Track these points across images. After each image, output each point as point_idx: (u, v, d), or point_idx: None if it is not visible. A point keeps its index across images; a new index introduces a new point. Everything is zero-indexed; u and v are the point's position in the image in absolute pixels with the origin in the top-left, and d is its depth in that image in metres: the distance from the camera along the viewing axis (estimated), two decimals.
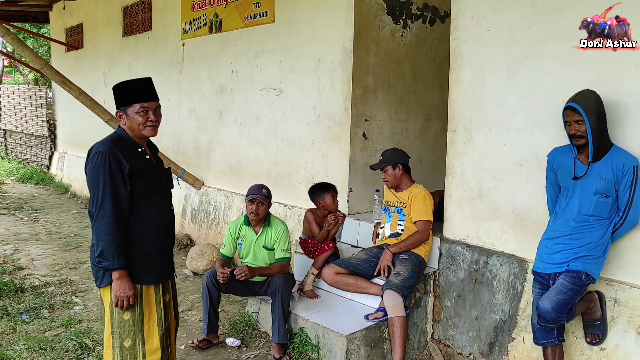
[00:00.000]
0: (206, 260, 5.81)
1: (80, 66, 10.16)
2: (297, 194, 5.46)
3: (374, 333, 3.71)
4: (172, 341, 2.89)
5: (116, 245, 2.51)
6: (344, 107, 4.88)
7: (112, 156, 2.51)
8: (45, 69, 5.84)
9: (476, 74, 3.79)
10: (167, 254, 2.81)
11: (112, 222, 2.50)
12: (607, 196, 2.89)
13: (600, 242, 2.94)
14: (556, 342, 3.08)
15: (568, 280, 2.92)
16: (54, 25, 11.73)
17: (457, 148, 3.97)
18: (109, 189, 2.50)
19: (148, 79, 2.67)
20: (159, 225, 2.70)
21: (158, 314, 2.69)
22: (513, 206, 3.65)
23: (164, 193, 2.78)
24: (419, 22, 5.34)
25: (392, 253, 3.87)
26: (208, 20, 6.48)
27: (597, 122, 2.85)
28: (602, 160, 2.91)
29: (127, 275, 2.57)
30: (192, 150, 7.09)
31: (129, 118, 2.61)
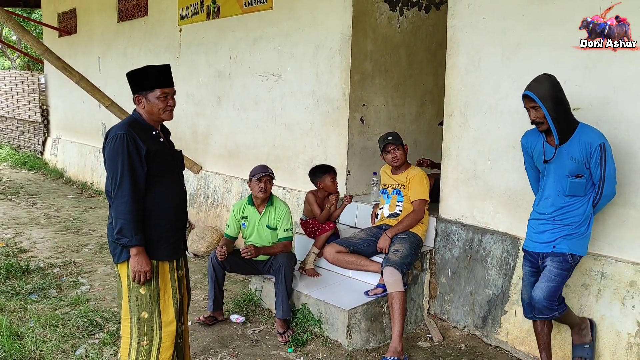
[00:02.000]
0: (207, 242, 5.96)
1: (74, 51, 10.15)
2: (296, 177, 5.61)
3: (374, 308, 3.89)
4: (185, 315, 3.04)
5: (134, 223, 2.64)
6: (343, 92, 5.02)
7: (129, 138, 2.64)
8: (46, 55, 5.91)
9: (472, 59, 3.94)
10: (181, 231, 2.94)
11: (130, 200, 2.63)
12: (579, 176, 2.99)
13: (582, 219, 3.05)
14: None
15: (555, 266, 3.07)
16: (45, 10, 11.67)
17: (453, 131, 4.13)
18: (127, 170, 2.63)
19: (167, 65, 2.81)
20: (173, 203, 2.83)
21: (173, 288, 2.83)
22: (506, 186, 3.84)
23: (177, 174, 2.91)
24: (414, 9, 5.47)
25: (389, 238, 4.04)
26: (206, 7, 6.56)
27: (554, 107, 2.92)
28: (570, 141, 3.00)
29: (144, 252, 2.70)
30: (190, 135, 7.20)
31: (149, 102, 2.73)
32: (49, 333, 3.88)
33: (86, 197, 9.01)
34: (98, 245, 6.13)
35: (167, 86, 2.76)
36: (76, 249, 6.06)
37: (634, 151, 3.20)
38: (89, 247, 6.09)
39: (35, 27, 16.50)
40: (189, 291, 3.15)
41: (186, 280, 3.06)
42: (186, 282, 3.06)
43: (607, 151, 2.93)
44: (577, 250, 3.07)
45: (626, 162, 3.21)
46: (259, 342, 3.91)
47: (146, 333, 2.78)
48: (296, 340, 3.84)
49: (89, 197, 9.07)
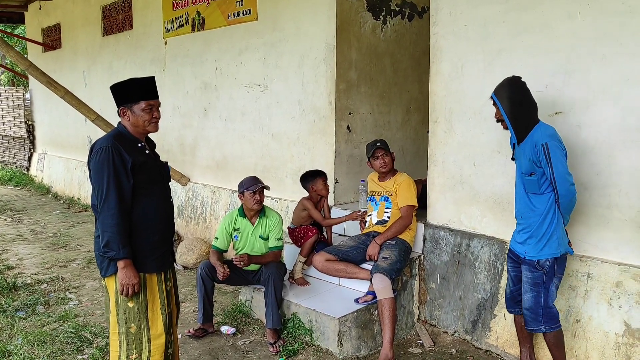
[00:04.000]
0: (196, 254, 5.94)
1: (59, 66, 10.12)
2: (284, 186, 5.62)
3: (364, 315, 3.90)
4: (174, 327, 3.02)
5: (121, 236, 2.63)
6: (329, 101, 5.05)
7: (114, 151, 2.64)
8: (30, 70, 5.88)
9: (455, 66, 3.99)
10: (168, 243, 2.93)
11: (117, 213, 2.62)
12: (532, 174, 3.04)
13: (541, 219, 3.05)
14: (520, 312, 3.31)
15: (529, 276, 3.11)
16: (29, 25, 11.64)
17: (439, 138, 4.17)
18: (113, 182, 2.62)
19: (152, 78, 2.82)
20: (160, 215, 2.82)
21: (161, 300, 2.82)
22: (492, 191, 3.87)
23: (164, 185, 2.90)
24: (397, 17, 5.53)
25: (379, 245, 4.05)
26: (190, 19, 6.58)
27: (509, 106, 3.03)
28: (525, 140, 3.07)
29: (132, 264, 2.69)
30: (177, 147, 7.18)
31: (134, 115, 2.73)
32: (37, 350, 3.84)
33: (73, 212, 8.95)
34: (86, 260, 6.08)
35: (152, 98, 2.76)
36: (64, 264, 6.01)
37: (615, 154, 3.25)
38: (77, 262, 6.04)
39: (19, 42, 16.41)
40: (178, 303, 3.13)
41: (175, 292, 3.05)
42: (175, 294, 3.05)
43: (551, 150, 2.92)
44: (545, 254, 3.06)
45: (609, 164, 3.27)
46: (250, 352, 3.89)
47: (135, 347, 2.75)
48: (287, 350, 3.83)
49: (76, 212, 9.00)
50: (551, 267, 3.08)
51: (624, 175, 3.22)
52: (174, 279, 3.03)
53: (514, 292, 3.33)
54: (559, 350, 3.19)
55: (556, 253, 3.07)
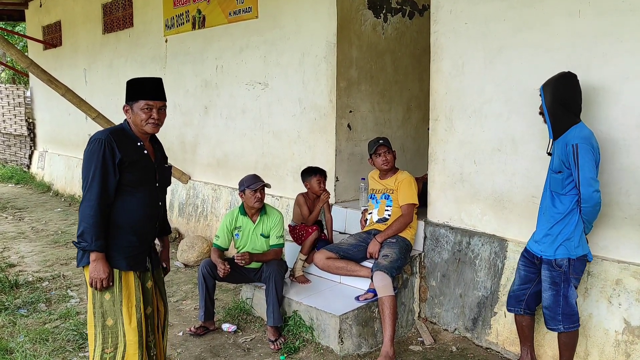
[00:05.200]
0: (196, 252, 5.94)
1: (60, 64, 10.12)
2: (285, 184, 5.62)
3: (365, 313, 3.91)
4: (158, 327, 2.96)
5: (96, 228, 2.60)
6: (329, 99, 5.05)
7: (107, 144, 2.62)
8: (31, 68, 5.89)
9: (455, 64, 3.99)
10: (145, 246, 2.85)
11: (96, 205, 2.59)
12: (559, 172, 3.03)
13: (560, 220, 3.06)
14: (521, 312, 3.33)
15: (547, 275, 3.11)
16: (30, 23, 11.63)
17: (439, 136, 4.18)
18: (98, 175, 2.61)
19: (159, 79, 2.81)
20: (140, 216, 2.78)
21: (137, 298, 2.76)
22: (492, 189, 3.88)
23: (155, 188, 2.85)
24: (398, 15, 5.53)
25: (379, 243, 4.06)
26: (191, 17, 6.58)
27: (551, 102, 3.03)
28: (560, 138, 3.06)
29: (104, 258, 2.64)
30: (177, 145, 7.19)
31: (133, 113, 2.73)
32: (39, 347, 3.85)
33: (74, 210, 8.95)
34: None
35: (152, 99, 2.73)
36: (65, 262, 6.02)
37: (616, 150, 3.25)
38: None
39: (19, 40, 16.40)
40: (166, 304, 3.07)
41: (160, 292, 3.01)
42: (160, 294, 3.00)
43: (581, 152, 2.91)
44: (559, 253, 3.06)
45: (610, 162, 3.27)
46: (251, 350, 3.90)
47: (110, 340, 2.71)
48: (288, 348, 3.84)
49: (77, 210, 8.99)
50: (567, 267, 3.07)
51: (625, 173, 3.23)
52: (158, 279, 3.00)
53: (518, 291, 3.33)
54: (570, 351, 3.18)
55: (572, 254, 3.06)
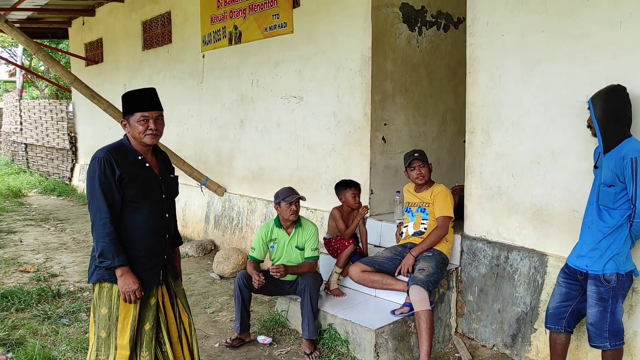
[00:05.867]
0: (232, 264, 6.01)
1: (101, 80, 10.44)
2: (319, 197, 5.65)
3: (401, 327, 3.88)
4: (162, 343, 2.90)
5: (115, 245, 2.63)
6: (364, 112, 5.07)
7: (106, 162, 2.63)
8: (75, 84, 6.10)
9: (492, 76, 3.96)
10: (156, 260, 2.84)
11: (108, 223, 2.61)
12: (611, 186, 2.95)
13: (609, 234, 2.98)
14: (562, 330, 3.24)
15: (594, 291, 3.01)
16: (73, 41, 12.06)
17: (476, 148, 4.14)
18: (101, 193, 2.62)
19: (151, 89, 2.79)
20: (146, 231, 2.76)
21: (133, 315, 2.76)
22: (531, 202, 3.81)
23: (160, 200, 2.83)
24: (433, 28, 5.53)
25: (414, 257, 4.03)
26: (228, 33, 6.72)
27: (602, 114, 2.97)
28: (612, 151, 2.98)
29: (130, 271, 2.67)
30: (214, 158, 7.31)
31: (131, 126, 2.73)
32: (80, 356, 3.94)
33: None
34: None
35: (147, 109, 2.71)
36: None
37: None
38: None
39: (62, 57, 17.01)
40: (189, 315, 3.04)
41: (182, 304, 2.99)
42: (182, 306, 2.99)
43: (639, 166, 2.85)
44: (608, 268, 2.98)
45: None
46: None
47: (104, 350, 2.76)
48: None
49: None
50: (616, 283, 2.99)
51: None
52: (178, 292, 2.98)
53: (559, 308, 3.24)
54: None
55: (621, 270, 2.98)
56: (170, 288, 2.94)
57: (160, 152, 2.95)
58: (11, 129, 16.13)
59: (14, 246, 7.35)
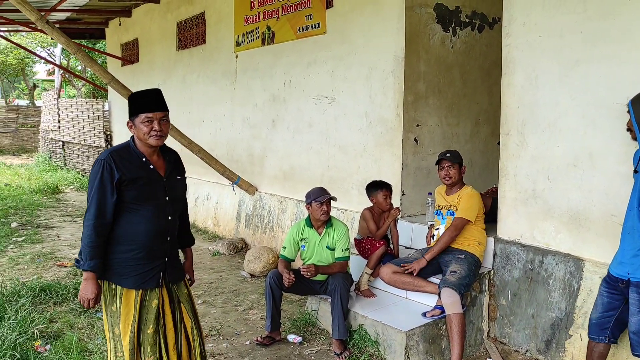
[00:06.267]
0: (262, 262, 6.06)
1: (136, 79, 10.65)
2: (350, 198, 5.65)
3: (432, 330, 3.85)
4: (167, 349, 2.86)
5: (91, 248, 2.62)
6: (396, 113, 5.05)
7: (106, 165, 2.65)
8: (112, 83, 6.24)
9: (528, 78, 3.90)
10: (156, 262, 2.80)
11: (92, 226, 2.62)
12: None
13: None
14: (606, 340, 3.15)
15: (636, 298, 2.94)
16: (109, 41, 12.34)
17: (510, 150, 4.08)
18: (96, 196, 2.64)
19: (156, 90, 2.77)
20: (146, 233, 2.74)
21: (133, 317, 2.76)
22: (568, 206, 3.74)
23: (163, 202, 2.80)
24: (467, 29, 5.47)
25: (427, 261, 4.04)
26: (261, 33, 6.77)
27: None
28: None
29: (95, 278, 2.67)
30: (246, 157, 7.38)
31: (136, 128, 2.73)
32: None
33: None
34: None
35: (151, 110, 2.69)
36: None
37: None
38: None
39: (99, 57, 17.40)
40: (195, 320, 2.99)
41: (185, 308, 2.94)
42: (186, 310, 2.95)
43: None
44: None
45: None
46: None
47: (119, 347, 2.79)
48: None
49: None
50: None
51: None
52: (181, 295, 2.94)
53: (602, 318, 3.15)
54: None
55: None
56: (172, 292, 2.90)
57: (169, 152, 2.92)
58: (49, 127, 16.59)
59: (51, 241, 7.56)
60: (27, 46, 21.09)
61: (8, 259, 6.46)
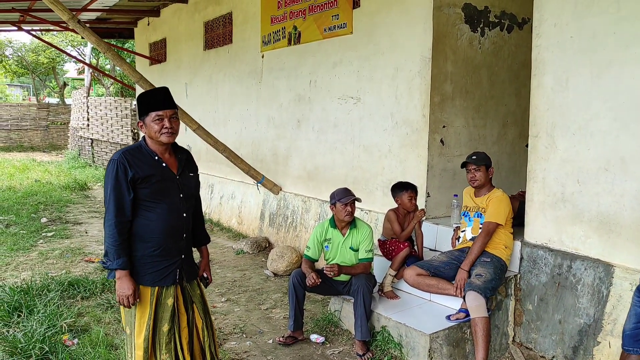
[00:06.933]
0: (286, 261, 6.08)
1: (164, 78, 10.78)
2: (374, 198, 5.63)
3: (456, 333, 3.81)
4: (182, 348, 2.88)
5: (117, 247, 2.66)
6: (422, 114, 5.01)
7: (120, 164, 2.68)
8: (141, 82, 6.33)
9: (559, 79, 3.83)
10: (172, 259, 2.83)
11: (114, 225, 2.65)
12: None
13: None
14: None
15: None
16: (138, 40, 12.52)
17: (539, 153, 4.02)
18: (113, 195, 2.66)
19: (164, 88, 2.81)
20: (163, 230, 2.77)
21: (148, 315, 2.76)
22: (598, 210, 3.67)
23: (178, 200, 2.83)
24: (496, 29, 5.40)
25: (466, 272, 3.94)
26: (287, 33, 6.79)
27: None
28: None
29: (128, 275, 2.70)
30: (270, 157, 7.41)
31: (147, 127, 2.76)
32: None
33: None
34: None
35: (161, 108, 2.72)
36: None
37: None
38: None
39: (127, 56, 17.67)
40: (206, 318, 3.02)
41: (197, 308, 2.97)
42: (197, 309, 2.97)
43: None
44: None
45: None
46: None
47: (129, 347, 2.82)
48: None
49: None
50: None
51: None
52: (194, 295, 2.96)
53: (635, 329, 3.04)
54: None
55: None
56: (185, 291, 2.92)
57: (181, 150, 2.94)
58: (79, 124, 16.92)
59: (79, 237, 7.71)
60: (58, 45, 21.54)
61: (38, 254, 6.60)
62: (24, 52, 27.24)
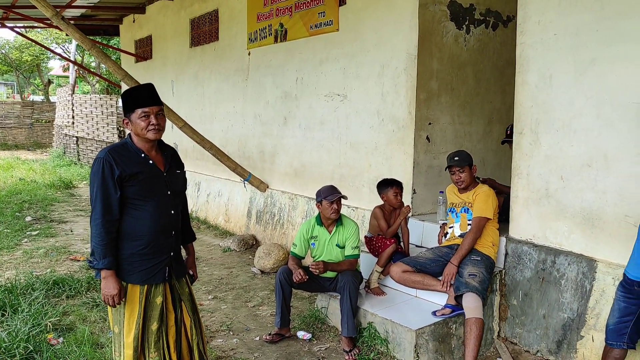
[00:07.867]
0: (273, 259, 6.07)
1: (150, 76, 10.70)
2: (361, 195, 5.64)
3: (442, 329, 3.84)
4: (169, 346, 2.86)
5: (103, 246, 2.62)
6: (408, 111, 5.03)
7: (106, 162, 2.65)
8: (126, 79, 6.28)
9: (543, 76, 3.87)
10: (161, 257, 2.80)
11: (100, 224, 2.62)
12: None
13: None
14: (624, 346, 3.11)
15: None
16: (123, 38, 12.41)
17: (523, 150, 4.05)
18: (100, 194, 2.63)
19: (149, 85, 2.78)
20: (151, 228, 2.74)
21: (138, 313, 2.74)
22: (581, 206, 3.71)
23: (166, 197, 2.81)
24: (481, 27, 5.43)
25: (456, 266, 3.96)
26: (273, 30, 6.78)
27: None
28: None
29: (114, 275, 2.66)
30: (257, 154, 7.40)
31: (133, 124, 2.73)
32: None
33: None
34: None
35: (147, 105, 2.70)
36: None
37: None
38: None
39: (113, 53, 17.52)
40: (194, 316, 3.00)
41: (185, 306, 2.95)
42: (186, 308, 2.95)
43: None
44: None
45: None
46: (325, 359, 3.93)
47: (117, 346, 2.80)
48: (362, 359, 3.84)
49: None
50: None
51: None
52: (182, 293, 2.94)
53: (619, 324, 3.08)
54: None
55: None
56: (174, 290, 2.91)
57: (166, 147, 2.93)
58: (64, 122, 16.76)
59: (64, 235, 7.64)
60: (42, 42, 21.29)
61: (22, 253, 6.54)
62: (7, 50, 26.91)
